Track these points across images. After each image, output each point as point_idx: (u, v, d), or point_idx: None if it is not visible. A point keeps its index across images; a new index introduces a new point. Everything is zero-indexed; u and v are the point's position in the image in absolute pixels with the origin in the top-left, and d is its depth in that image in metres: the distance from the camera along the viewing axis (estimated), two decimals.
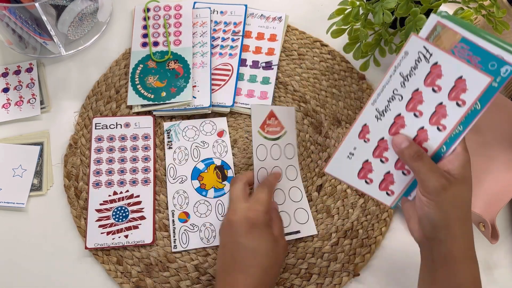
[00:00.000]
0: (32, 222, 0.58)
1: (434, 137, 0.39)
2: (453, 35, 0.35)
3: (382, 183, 0.44)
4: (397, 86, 0.39)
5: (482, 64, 0.35)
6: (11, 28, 0.65)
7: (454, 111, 0.37)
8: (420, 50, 0.36)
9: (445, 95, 0.36)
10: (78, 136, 0.63)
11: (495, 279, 0.57)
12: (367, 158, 0.44)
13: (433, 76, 0.36)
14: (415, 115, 0.39)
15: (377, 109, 0.41)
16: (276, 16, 0.72)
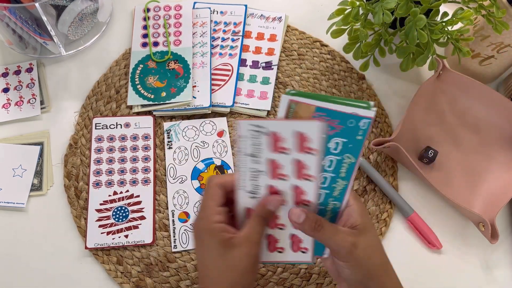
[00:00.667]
0: (32, 222, 0.58)
1: (308, 188, 0.41)
2: (308, 108, 0.38)
3: (293, 246, 0.45)
4: (251, 165, 0.40)
5: (342, 124, 0.38)
6: (11, 28, 0.65)
7: (310, 160, 0.38)
8: (250, 129, 0.38)
9: (295, 151, 0.38)
10: (78, 136, 0.63)
11: (495, 279, 0.57)
12: (266, 233, 0.44)
13: (275, 142, 0.38)
14: (282, 179, 0.40)
15: (249, 191, 0.42)
16: (276, 16, 0.72)
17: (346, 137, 0.39)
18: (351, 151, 0.40)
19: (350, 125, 0.38)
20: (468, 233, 0.59)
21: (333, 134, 0.39)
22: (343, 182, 0.42)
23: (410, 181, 0.62)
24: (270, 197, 0.41)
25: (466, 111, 0.65)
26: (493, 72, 0.66)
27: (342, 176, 0.41)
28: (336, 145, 0.39)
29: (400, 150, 0.56)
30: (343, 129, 0.38)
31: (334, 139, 0.39)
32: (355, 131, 0.38)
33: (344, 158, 0.40)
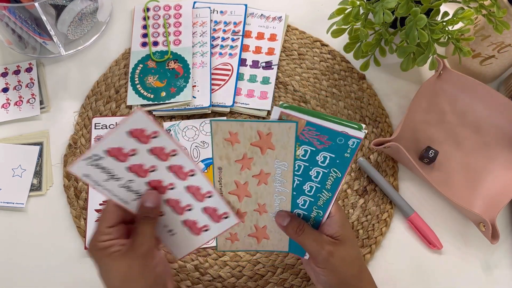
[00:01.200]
0: (32, 222, 0.58)
1: (182, 161, 0.41)
2: (300, 122, 0.39)
3: (213, 217, 0.45)
4: (117, 183, 0.41)
5: (331, 140, 0.40)
6: (10, 28, 0.65)
7: (160, 141, 0.39)
8: (87, 164, 0.38)
9: (141, 146, 0.39)
10: (77, 136, 0.63)
11: (495, 279, 0.57)
12: (180, 219, 0.45)
13: (117, 154, 0.39)
14: (152, 171, 0.41)
15: (132, 199, 0.43)
16: (276, 16, 0.72)
17: (334, 153, 0.41)
18: (338, 167, 0.42)
19: (340, 143, 0.40)
20: (469, 233, 0.59)
21: (322, 148, 0.41)
22: (328, 194, 0.44)
23: (411, 181, 0.62)
24: (144, 195, 0.42)
25: (467, 111, 0.65)
26: (494, 72, 0.66)
27: (328, 188, 0.43)
28: (324, 159, 0.41)
29: (400, 150, 0.56)
30: (331, 145, 0.40)
31: (323, 153, 0.41)
32: (344, 148, 0.40)
33: (331, 172, 0.42)
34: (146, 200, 0.42)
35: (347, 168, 0.42)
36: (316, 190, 0.44)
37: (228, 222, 0.45)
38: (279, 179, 0.43)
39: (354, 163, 0.62)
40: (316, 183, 0.43)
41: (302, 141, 0.41)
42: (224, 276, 0.56)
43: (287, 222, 0.44)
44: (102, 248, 0.41)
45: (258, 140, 0.40)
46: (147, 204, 0.42)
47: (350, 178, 0.61)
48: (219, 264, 0.56)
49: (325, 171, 0.42)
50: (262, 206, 0.45)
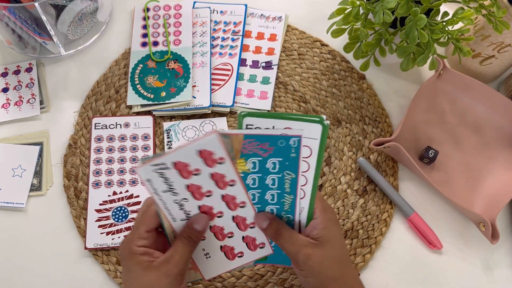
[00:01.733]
0: (32, 222, 0.58)
1: (236, 192, 0.42)
2: (238, 138, 0.39)
3: (249, 246, 0.46)
4: (172, 198, 0.41)
5: (273, 145, 0.40)
6: (10, 28, 0.65)
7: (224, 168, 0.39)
8: (152, 170, 0.39)
9: (205, 168, 0.39)
10: (77, 136, 0.63)
11: (495, 279, 0.57)
12: (219, 244, 0.46)
13: (183, 169, 0.39)
14: (207, 196, 0.42)
15: (182, 219, 0.43)
16: (276, 15, 0.72)
17: (281, 157, 0.41)
18: (289, 168, 0.41)
19: (281, 145, 0.40)
20: (469, 233, 0.59)
21: (268, 156, 0.41)
22: (290, 197, 0.43)
23: (411, 181, 0.62)
24: (196, 216, 0.42)
25: (467, 111, 0.65)
26: (494, 72, 0.66)
27: (288, 192, 0.43)
28: (273, 165, 0.41)
29: (400, 150, 0.56)
30: (275, 150, 0.40)
31: (271, 160, 0.41)
32: (288, 150, 0.40)
33: (284, 175, 0.42)
34: (196, 221, 0.42)
35: (299, 167, 0.41)
36: (278, 197, 0.43)
37: (263, 251, 0.46)
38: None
39: (354, 163, 0.62)
40: (275, 189, 0.43)
41: (246, 154, 0.40)
42: (224, 276, 0.56)
43: (267, 224, 0.43)
44: (136, 253, 0.41)
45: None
46: (195, 226, 0.42)
47: (350, 178, 0.61)
48: None
49: (279, 176, 0.42)
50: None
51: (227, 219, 0.44)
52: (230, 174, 0.40)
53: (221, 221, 0.44)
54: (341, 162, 0.62)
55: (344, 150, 0.63)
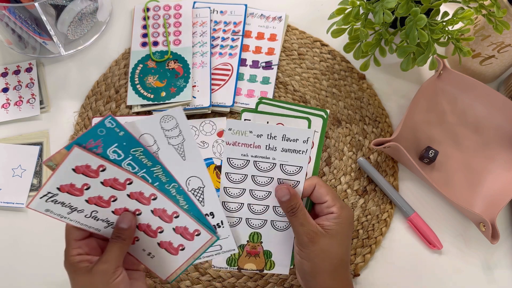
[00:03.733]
0: (32, 222, 0.58)
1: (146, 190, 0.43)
2: (60, 153, 0.39)
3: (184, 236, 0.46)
4: (82, 214, 0.43)
5: (98, 138, 0.39)
6: (10, 28, 0.65)
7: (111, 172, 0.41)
8: (45, 201, 0.41)
9: (96, 182, 0.41)
10: (77, 136, 0.63)
11: (495, 279, 0.57)
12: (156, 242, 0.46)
13: (72, 189, 0.41)
14: (114, 200, 0.43)
15: (104, 226, 0.44)
16: (276, 15, 0.72)
17: (114, 142, 0.40)
18: (131, 146, 0.40)
19: (104, 132, 0.39)
20: (469, 233, 0.59)
21: (102, 149, 0.40)
22: (157, 168, 0.42)
23: (411, 181, 0.62)
24: (120, 216, 0.44)
25: (467, 111, 0.65)
26: (494, 72, 0.66)
27: (150, 165, 0.42)
28: (116, 153, 0.41)
29: (400, 150, 0.56)
30: (104, 139, 0.40)
31: (109, 150, 0.40)
32: (113, 133, 0.40)
33: (134, 154, 0.41)
34: (121, 221, 0.43)
35: (136, 139, 0.41)
36: (149, 175, 0.43)
37: (202, 238, 0.46)
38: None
39: (354, 163, 0.62)
40: (141, 171, 0.42)
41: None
42: (224, 276, 0.56)
43: (286, 199, 0.45)
44: (73, 263, 0.42)
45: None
46: (121, 225, 0.43)
47: (350, 178, 0.61)
48: None
49: (130, 158, 0.41)
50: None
51: (147, 214, 0.44)
52: (120, 174, 0.41)
53: (143, 218, 0.44)
54: (341, 162, 0.62)
55: (344, 150, 0.63)
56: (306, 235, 0.44)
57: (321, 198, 0.45)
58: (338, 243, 0.44)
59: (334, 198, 0.45)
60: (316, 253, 0.44)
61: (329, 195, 0.45)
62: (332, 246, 0.44)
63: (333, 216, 0.45)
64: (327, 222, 0.45)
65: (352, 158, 0.63)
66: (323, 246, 0.44)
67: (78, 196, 0.41)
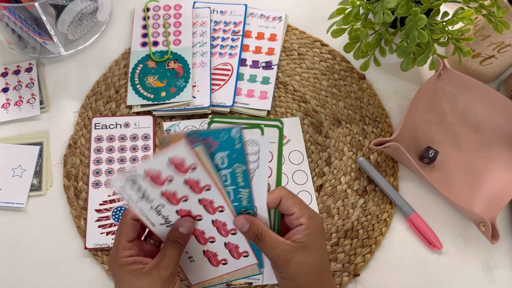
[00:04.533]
0: (32, 222, 0.58)
1: (212, 196, 0.42)
2: (176, 136, 0.40)
3: (232, 253, 0.47)
4: (149, 204, 0.42)
5: (216, 138, 0.40)
6: (10, 28, 0.65)
7: (197, 174, 0.40)
8: (126, 180, 0.40)
9: (178, 175, 0.40)
10: (77, 136, 0.63)
11: (495, 279, 0.57)
12: (202, 249, 0.46)
13: (155, 178, 0.40)
14: (184, 201, 0.42)
15: (161, 223, 0.43)
16: (276, 15, 0.72)
17: (227, 149, 0.41)
18: (238, 161, 0.41)
19: (225, 137, 0.40)
20: (469, 233, 0.59)
21: (214, 151, 0.41)
22: (245, 191, 0.43)
23: (411, 181, 0.62)
24: (180, 220, 0.43)
25: (467, 111, 0.65)
26: (494, 72, 0.66)
27: (242, 186, 0.43)
28: (222, 160, 0.41)
29: (400, 150, 0.56)
30: (220, 144, 0.40)
31: (218, 155, 0.41)
32: (231, 141, 0.40)
33: (235, 169, 0.42)
34: (181, 225, 0.43)
35: (247, 157, 0.41)
36: (234, 193, 0.43)
37: (247, 261, 0.46)
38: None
39: (354, 163, 0.62)
40: (230, 186, 0.43)
41: None
42: None
43: (246, 228, 0.43)
44: (125, 264, 0.41)
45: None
46: (181, 229, 0.43)
47: (350, 178, 0.61)
48: None
49: (229, 170, 0.42)
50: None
51: (206, 222, 0.44)
52: (205, 179, 0.41)
53: (201, 224, 0.44)
54: (341, 162, 0.62)
55: (344, 150, 0.63)
56: (279, 257, 0.43)
57: (289, 210, 0.44)
58: (313, 254, 0.44)
59: (301, 208, 0.44)
60: (295, 270, 0.43)
61: (297, 207, 0.44)
62: (307, 258, 0.43)
63: (302, 228, 0.44)
64: (298, 235, 0.44)
65: (352, 158, 0.63)
66: (298, 261, 0.43)
67: (157, 186, 0.40)
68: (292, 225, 0.45)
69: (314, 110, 0.66)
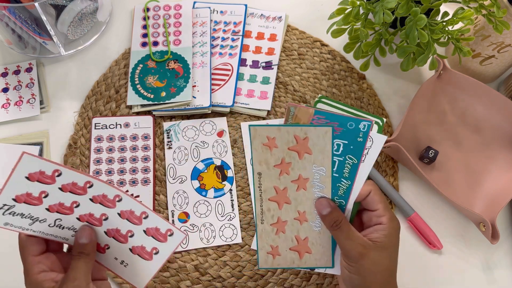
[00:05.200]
0: None
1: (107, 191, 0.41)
2: (307, 112, 0.40)
3: (157, 237, 0.43)
4: (45, 224, 0.41)
5: (341, 126, 0.40)
6: (10, 28, 0.65)
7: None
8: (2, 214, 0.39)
9: (53, 188, 0.39)
10: (77, 136, 0.63)
11: (495, 279, 0.57)
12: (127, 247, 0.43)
13: (29, 198, 0.39)
14: (77, 206, 0.41)
15: (72, 235, 0.42)
16: (276, 15, 0.72)
17: (347, 139, 0.40)
18: (352, 153, 0.41)
19: (350, 128, 0.40)
20: (469, 233, 0.59)
21: (334, 136, 0.40)
22: (347, 182, 0.43)
23: (411, 181, 0.62)
24: (79, 231, 0.41)
25: (467, 111, 0.65)
26: (494, 72, 0.66)
27: (346, 176, 0.43)
28: (337, 147, 0.41)
29: (400, 150, 0.56)
30: (343, 132, 0.40)
31: (336, 141, 0.41)
32: (356, 133, 0.40)
33: (346, 159, 0.42)
34: (81, 236, 0.41)
35: (362, 153, 0.41)
36: (334, 180, 0.43)
37: (176, 239, 0.43)
38: (318, 185, 0.43)
39: None
40: (334, 172, 0.42)
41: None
42: (224, 276, 0.56)
43: (327, 212, 0.43)
44: (37, 282, 0.39)
45: (295, 144, 0.41)
46: (81, 240, 0.41)
47: None
48: (219, 264, 0.56)
49: (340, 159, 0.42)
50: (302, 214, 0.45)
51: (114, 219, 0.42)
52: (78, 177, 0.39)
53: (111, 222, 0.42)
54: None
55: None
56: (354, 249, 0.42)
57: (373, 206, 0.44)
58: (388, 255, 0.44)
59: (385, 208, 0.44)
60: (366, 267, 0.42)
61: (381, 204, 0.44)
62: (382, 258, 0.43)
63: (382, 228, 0.43)
64: (376, 234, 0.43)
65: None
66: (373, 259, 0.42)
67: (37, 205, 0.39)
68: (371, 221, 0.44)
69: None
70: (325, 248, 0.46)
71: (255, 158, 0.42)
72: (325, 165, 0.42)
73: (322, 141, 0.40)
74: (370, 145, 0.42)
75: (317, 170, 0.42)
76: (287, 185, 0.43)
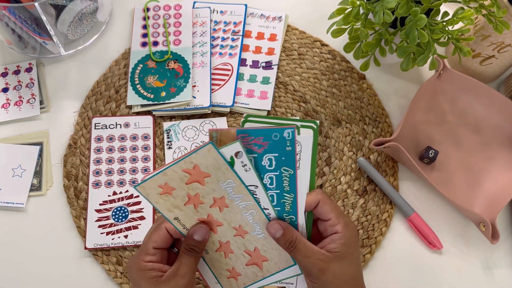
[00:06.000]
0: (32, 222, 0.58)
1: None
2: (229, 133, 0.39)
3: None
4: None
5: (267, 139, 0.39)
6: (10, 28, 0.65)
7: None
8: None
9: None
10: (77, 136, 0.63)
11: (495, 279, 0.57)
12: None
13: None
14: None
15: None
16: (276, 15, 0.72)
17: (277, 151, 0.40)
18: (286, 164, 0.40)
19: (275, 139, 0.39)
20: (469, 233, 0.59)
21: (263, 151, 0.40)
22: (290, 196, 0.42)
23: (411, 181, 0.62)
24: (194, 227, 0.42)
25: (467, 111, 0.65)
26: (494, 72, 0.66)
27: (287, 190, 0.42)
28: (270, 162, 0.40)
29: (400, 150, 0.56)
30: (270, 145, 0.39)
31: (266, 156, 0.40)
32: (283, 143, 0.39)
33: (282, 172, 0.41)
34: (195, 232, 0.42)
35: (295, 162, 0.40)
36: (277, 197, 0.42)
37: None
38: (235, 196, 0.42)
39: (354, 163, 0.62)
40: (274, 190, 0.42)
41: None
42: None
43: (280, 234, 0.42)
44: (143, 269, 0.41)
45: (189, 177, 0.40)
46: (195, 236, 0.42)
47: (350, 178, 0.61)
48: None
49: (276, 173, 0.41)
50: (239, 228, 0.44)
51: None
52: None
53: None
54: (341, 162, 0.62)
55: (344, 150, 0.63)
56: (314, 267, 0.41)
57: (325, 215, 0.43)
58: (349, 264, 0.42)
59: (338, 215, 0.43)
60: (330, 281, 0.41)
61: (333, 213, 0.42)
62: (343, 268, 0.42)
63: (338, 236, 0.42)
64: (333, 244, 0.42)
65: (352, 158, 0.63)
66: (335, 271, 0.41)
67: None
68: (326, 231, 0.43)
69: (314, 110, 0.66)
70: (279, 249, 0.45)
71: (162, 210, 0.41)
72: (230, 177, 0.40)
73: (211, 159, 0.39)
74: (299, 149, 0.41)
75: (225, 185, 0.41)
76: (208, 211, 0.42)
